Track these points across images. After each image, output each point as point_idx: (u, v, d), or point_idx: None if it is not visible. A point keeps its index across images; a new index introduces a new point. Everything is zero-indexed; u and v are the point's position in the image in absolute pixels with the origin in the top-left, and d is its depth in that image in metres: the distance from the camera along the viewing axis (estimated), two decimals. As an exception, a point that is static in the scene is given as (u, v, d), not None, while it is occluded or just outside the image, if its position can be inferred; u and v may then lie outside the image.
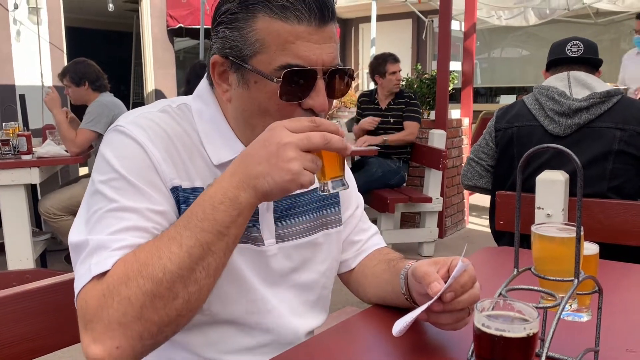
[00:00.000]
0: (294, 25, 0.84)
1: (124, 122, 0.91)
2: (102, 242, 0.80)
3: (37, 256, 3.75)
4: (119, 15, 8.15)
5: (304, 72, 0.86)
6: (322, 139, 0.77)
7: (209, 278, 0.78)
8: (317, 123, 0.79)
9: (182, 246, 0.76)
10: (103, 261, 0.78)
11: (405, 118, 4.34)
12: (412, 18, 9.74)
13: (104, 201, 0.84)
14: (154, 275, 0.75)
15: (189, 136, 0.94)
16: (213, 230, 0.77)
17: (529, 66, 9.92)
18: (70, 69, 3.78)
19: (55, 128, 3.99)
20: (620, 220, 1.95)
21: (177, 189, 0.90)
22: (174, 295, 0.76)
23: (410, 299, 0.98)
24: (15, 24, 5.78)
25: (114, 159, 0.86)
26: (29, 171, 3.39)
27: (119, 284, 0.75)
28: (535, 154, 2.49)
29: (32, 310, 1.01)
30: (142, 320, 0.75)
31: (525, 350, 0.63)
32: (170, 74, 7.97)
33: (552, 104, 2.04)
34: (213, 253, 0.78)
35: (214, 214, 0.77)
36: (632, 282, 1.32)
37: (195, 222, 0.77)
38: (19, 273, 3.08)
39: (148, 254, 0.77)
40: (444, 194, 4.69)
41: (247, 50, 0.87)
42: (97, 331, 0.75)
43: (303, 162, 0.76)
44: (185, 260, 0.76)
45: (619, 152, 1.96)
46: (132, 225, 0.82)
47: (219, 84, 0.94)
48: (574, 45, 2.13)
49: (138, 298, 0.74)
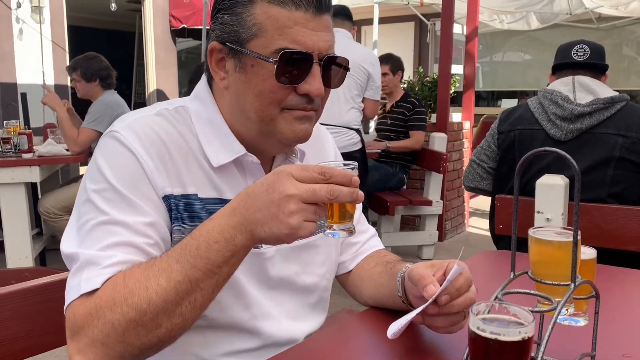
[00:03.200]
0: (292, 10, 0.86)
1: (120, 127, 0.90)
2: (93, 258, 0.81)
3: (37, 254, 3.75)
4: (121, 15, 8.17)
5: (300, 55, 0.87)
6: (329, 194, 0.74)
7: (194, 311, 0.79)
8: (327, 175, 0.75)
9: (170, 280, 0.76)
10: (93, 279, 0.79)
11: (411, 127, 4.30)
12: (414, 21, 9.75)
13: (94, 212, 0.85)
14: (139, 306, 0.76)
15: (185, 140, 0.93)
16: (204, 268, 0.77)
17: (531, 70, 9.93)
18: (83, 64, 3.76)
19: (56, 127, 3.99)
20: (619, 225, 1.95)
21: (168, 197, 0.90)
22: (156, 325, 0.77)
23: (406, 301, 0.98)
24: (17, 22, 5.79)
25: (107, 167, 0.87)
26: (29, 169, 3.39)
27: (105, 308, 0.77)
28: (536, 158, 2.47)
29: (30, 309, 1.01)
30: (124, 344, 0.77)
31: (520, 354, 0.62)
32: (172, 74, 7.97)
33: (555, 108, 2.04)
34: (201, 290, 0.77)
35: (207, 252, 0.77)
36: (630, 287, 1.32)
37: (188, 257, 0.77)
38: (18, 271, 3.08)
39: (137, 282, 0.77)
40: (444, 197, 4.69)
41: (245, 34, 0.88)
42: (81, 344, 0.77)
43: (304, 215, 0.74)
44: (172, 295, 0.76)
45: (620, 158, 1.95)
46: (122, 241, 0.83)
47: (215, 71, 0.94)
48: (580, 49, 2.12)
49: (121, 324, 0.76)
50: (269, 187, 0.75)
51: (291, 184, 0.74)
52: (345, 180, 0.75)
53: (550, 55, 2.24)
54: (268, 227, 0.75)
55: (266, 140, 0.96)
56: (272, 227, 0.74)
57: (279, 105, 0.90)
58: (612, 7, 7.14)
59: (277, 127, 0.92)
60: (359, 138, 3.44)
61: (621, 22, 8.18)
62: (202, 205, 0.92)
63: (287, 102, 0.90)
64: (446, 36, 4.81)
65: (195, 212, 0.92)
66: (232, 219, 0.77)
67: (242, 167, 0.98)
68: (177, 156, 0.92)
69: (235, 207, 0.78)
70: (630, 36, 8.95)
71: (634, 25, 8.48)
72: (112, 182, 0.85)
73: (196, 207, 0.92)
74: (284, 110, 0.91)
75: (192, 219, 0.91)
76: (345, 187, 0.75)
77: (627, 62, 9.05)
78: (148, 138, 0.89)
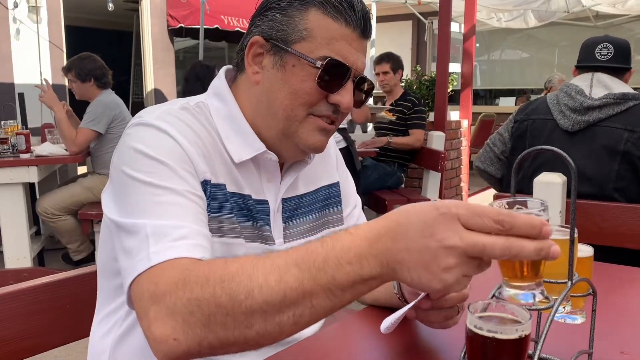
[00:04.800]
0: (342, 26, 0.92)
1: (150, 117, 0.90)
2: (159, 229, 0.77)
3: (35, 255, 3.75)
4: (119, 14, 8.15)
5: (342, 66, 0.92)
6: (506, 251, 0.59)
7: (294, 327, 0.68)
8: (507, 225, 0.59)
9: (281, 282, 0.66)
10: (163, 251, 0.75)
11: (411, 126, 4.32)
12: (412, 19, 9.77)
13: (148, 187, 0.82)
14: (235, 294, 0.66)
15: (209, 133, 0.95)
16: (325, 286, 0.65)
17: (529, 68, 9.94)
18: (76, 65, 3.76)
19: (54, 127, 3.99)
20: (616, 223, 1.96)
21: (206, 183, 0.91)
22: (248, 324, 0.67)
23: (402, 298, 0.99)
24: (15, 22, 5.78)
25: (150, 149, 0.85)
26: (27, 170, 3.39)
27: (194, 282, 0.69)
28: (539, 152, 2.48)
29: (28, 309, 1.01)
30: (207, 329, 0.68)
31: (517, 352, 0.63)
32: (169, 73, 7.97)
33: (567, 99, 2.07)
34: (312, 307, 0.66)
35: (335, 270, 0.65)
36: (627, 284, 1.32)
37: (310, 266, 0.66)
38: (17, 271, 3.08)
39: (240, 268, 0.68)
40: (443, 195, 4.70)
41: (293, 36, 0.92)
42: (161, 313, 0.70)
43: (464, 270, 0.60)
44: (277, 298, 0.66)
45: (625, 152, 1.96)
46: (184, 211, 0.81)
47: (250, 64, 0.96)
48: (604, 49, 2.11)
49: (209, 306, 0.67)
50: (425, 226, 0.61)
51: (455, 233, 0.60)
52: (532, 232, 0.59)
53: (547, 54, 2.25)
54: (416, 274, 0.62)
55: (284, 142, 0.97)
56: (422, 276, 0.61)
57: (308, 109, 0.93)
58: (609, 5, 7.16)
59: (299, 130, 0.95)
60: (341, 137, 3.51)
61: (619, 20, 8.20)
62: (229, 197, 0.94)
63: (316, 108, 0.94)
64: (444, 35, 4.81)
65: (223, 203, 0.93)
66: (375, 245, 0.64)
67: (258, 164, 0.99)
68: (208, 146, 0.93)
69: (383, 233, 0.64)
70: (628, 33, 8.95)
71: (632, 23, 8.50)
72: (161, 159, 0.84)
73: (224, 197, 0.93)
74: (310, 116, 0.94)
75: (220, 210, 0.92)
76: (529, 243, 0.59)
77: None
78: (181, 127, 0.90)
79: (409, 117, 4.33)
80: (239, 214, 0.95)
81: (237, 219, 0.95)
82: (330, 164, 1.16)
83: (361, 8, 0.94)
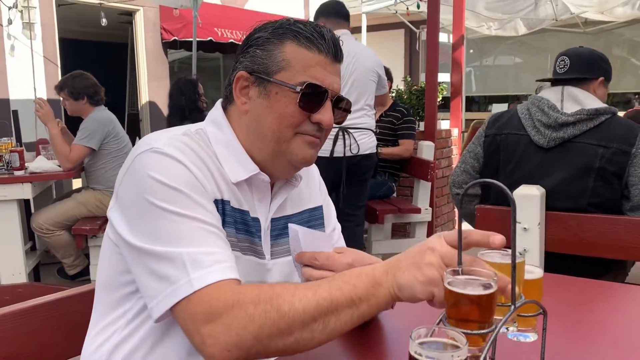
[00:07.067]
0: (315, 54, 1.03)
1: (159, 144, 0.97)
2: (194, 256, 0.88)
3: (30, 270, 3.78)
4: (113, 27, 8.21)
5: (319, 89, 1.03)
6: None
7: (322, 334, 0.84)
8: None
9: (315, 294, 0.84)
10: (204, 277, 0.86)
11: (401, 136, 4.36)
12: (404, 28, 9.83)
13: (174, 216, 0.91)
14: (281, 307, 0.83)
15: (210, 157, 1.03)
16: (348, 294, 0.83)
17: (522, 74, 9.99)
18: (69, 83, 3.82)
19: (48, 143, 4.03)
20: (595, 234, 1.98)
21: (216, 201, 0.99)
22: (289, 332, 0.83)
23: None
24: (9, 38, 5.83)
25: (167, 178, 0.93)
26: (21, 187, 3.43)
27: (248, 303, 0.84)
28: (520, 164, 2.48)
29: (28, 328, 1.06)
30: (255, 340, 0.83)
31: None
32: (164, 85, 7.99)
33: (540, 115, 2.07)
34: (338, 314, 0.83)
35: (357, 280, 0.85)
36: (601, 299, 1.35)
37: (338, 280, 0.86)
38: (11, 287, 3.11)
39: (284, 288, 0.86)
40: (434, 203, 4.74)
41: (273, 67, 1.03)
42: (218, 329, 0.84)
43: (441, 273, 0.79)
44: (312, 307, 0.83)
45: (600, 169, 1.97)
46: (212, 237, 0.92)
47: (238, 96, 1.07)
48: (561, 62, 2.14)
49: (260, 319, 0.83)
50: (420, 244, 0.85)
51: (438, 241, 0.83)
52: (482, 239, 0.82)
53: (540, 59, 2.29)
54: (408, 272, 0.82)
55: (276, 161, 1.07)
56: (411, 273, 0.81)
57: (294, 129, 1.04)
58: (597, 11, 7.23)
59: (289, 148, 1.05)
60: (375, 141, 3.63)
61: (608, 26, 8.27)
62: (232, 212, 1.03)
63: (301, 127, 1.04)
64: (432, 45, 4.84)
65: (227, 217, 1.02)
66: (384, 265, 0.86)
67: (251, 184, 1.08)
68: (211, 168, 1.01)
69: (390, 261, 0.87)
70: (620, 38, 9.03)
71: (623, 28, 8.57)
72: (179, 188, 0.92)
73: (228, 213, 1.02)
74: (297, 135, 1.04)
75: (225, 224, 1.00)
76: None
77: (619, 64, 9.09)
78: (189, 153, 0.99)
79: (398, 127, 4.38)
80: (238, 228, 1.04)
81: (237, 233, 1.03)
82: (314, 188, 1.25)
83: (331, 36, 1.05)
